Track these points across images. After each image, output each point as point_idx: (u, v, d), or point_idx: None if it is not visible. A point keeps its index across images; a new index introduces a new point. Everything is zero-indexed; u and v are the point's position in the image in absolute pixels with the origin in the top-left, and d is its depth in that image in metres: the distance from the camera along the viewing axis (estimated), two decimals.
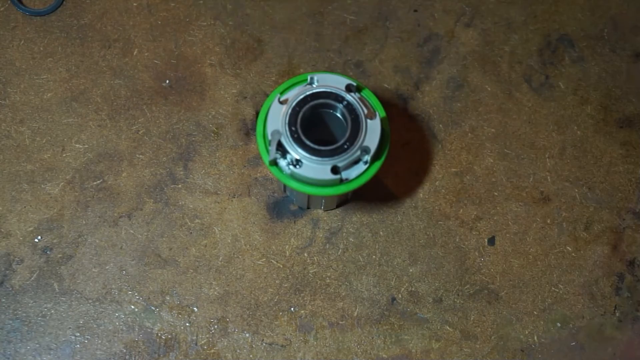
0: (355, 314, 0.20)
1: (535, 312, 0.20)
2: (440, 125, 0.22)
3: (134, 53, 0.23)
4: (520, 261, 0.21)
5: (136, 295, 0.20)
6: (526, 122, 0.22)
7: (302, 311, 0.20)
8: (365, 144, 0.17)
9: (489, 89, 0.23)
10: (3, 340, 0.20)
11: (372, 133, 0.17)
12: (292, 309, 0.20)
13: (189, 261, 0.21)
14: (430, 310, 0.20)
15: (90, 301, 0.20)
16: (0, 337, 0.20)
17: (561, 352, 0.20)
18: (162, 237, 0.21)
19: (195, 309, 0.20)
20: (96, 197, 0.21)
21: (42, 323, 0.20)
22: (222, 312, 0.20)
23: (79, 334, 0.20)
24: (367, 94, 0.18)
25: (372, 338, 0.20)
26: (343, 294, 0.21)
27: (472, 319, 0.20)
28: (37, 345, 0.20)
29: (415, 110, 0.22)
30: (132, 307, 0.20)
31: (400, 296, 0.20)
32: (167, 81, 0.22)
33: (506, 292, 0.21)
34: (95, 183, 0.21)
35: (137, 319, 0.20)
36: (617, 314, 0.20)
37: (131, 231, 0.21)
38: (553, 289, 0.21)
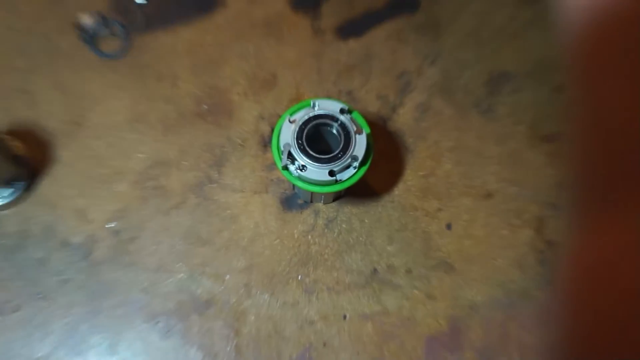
0: (347, 281, 0.22)
1: (480, 279, 0.23)
2: (411, 139, 0.24)
3: (180, 85, 0.25)
4: (470, 242, 0.23)
5: (183, 267, 0.23)
6: (475, 137, 0.25)
7: (307, 279, 0.22)
8: (354, 153, 0.19)
9: (448, 112, 0.25)
10: (91, 298, 0.23)
11: (359, 145, 0.19)
12: (299, 277, 0.22)
13: (222, 241, 0.23)
14: (402, 279, 0.23)
15: (150, 270, 0.23)
16: (88, 295, 0.23)
17: (498, 308, 0.23)
18: (202, 224, 0.23)
19: (227, 277, 0.22)
20: (153, 194, 0.24)
21: (117, 286, 0.23)
22: (247, 279, 0.22)
23: (143, 295, 0.23)
24: (356, 115, 0.20)
25: (359, 299, 0.22)
26: (337, 266, 0.23)
27: (433, 284, 0.23)
28: (115, 302, 0.23)
29: (392, 128, 0.25)
30: (181, 275, 0.23)
31: (380, 268, 0.23)
32: (205, 106, 0.25)
33: (459, 265, 0.23)
34: (152, 183, 0.24)
35: (185, 284, 0.23)
36: (539, 280, 0.23)
37: (179, 219, 0.23)
38: (493, 262, 0.23)
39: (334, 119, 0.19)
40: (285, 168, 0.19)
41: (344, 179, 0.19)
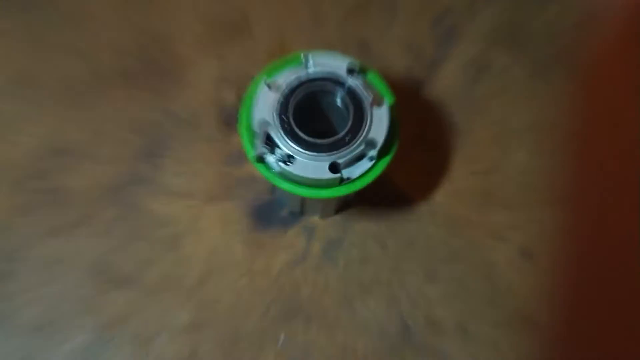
0: (360, 347, 0.18)
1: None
2: (461, 114, 0.20)
3: (97, 31, 0.20)
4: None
5: (88, 323, 0.18)
6: (565, 110, 0.20)
7: (294, 344, 0.18)
8: (370, 136, 0.15)
9: (519, 71, 0.20)
10: None
11: (378, 123, 0.15)
12: (280, 340, 0.18)
13: (154, 280, 0.18)
14: (452, 341, 0.18)
15: (29, 331, 0.17)
16: None
17: None
18: (123, 251, 0.18)
19: (160, 339, 0.17)
20: (43, 201, 0.18)
21: None
22: (193, 345, 0.17)
23: None
24: (372, 77, 0.16)
25: None
26: (344, 321, 0.18)
27: (503, 350, 0.18)
28: None
29: (431, 97, 0.20)
30: (83, 337, 0.17)
31: (415, 324, 0.18)
32: (134, 63, 0.20)
33: (545, 318, 0.18)
34: (43, 184, 0.19)
35: (88, 352, 0.17)
36: None
37: (85, 243, 0.18)
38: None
39: (338, 82, 0.16)
40: (261, 159, 0.15)
41: (355, 176, 0.15)
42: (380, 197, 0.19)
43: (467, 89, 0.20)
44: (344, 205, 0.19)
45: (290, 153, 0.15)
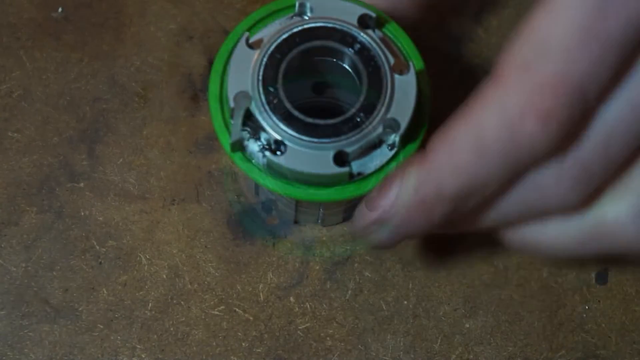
0: None
1: None
2: None
3: None
4: None
5: None
6: None
7: None
8: (390, 115, 0.16)
9: None
10: None
11: (402, 97, 0.16)
12: None
13: (96, 311, 0.19)
14: None
15: None
16: None
17: None
18: (52, 271, 0.20)
19: None
20: None
21: None
22: None
23: None
24: (394, 31, 0.17)
25: None
26: None
27: None
28: None
29: (476, 59, 0.21)
30: None
31: None
32: (60, 9, 0.22)
33: None
34: None
35: None
36: None
37: None
38: None
39: (346, 39, 0.17)
40: (239, 147, 0.16)
41: (369, 171, 0.16)
42: None
43: None
44: (354, 210, 0.19)
45: (280, 138, 0.16)
